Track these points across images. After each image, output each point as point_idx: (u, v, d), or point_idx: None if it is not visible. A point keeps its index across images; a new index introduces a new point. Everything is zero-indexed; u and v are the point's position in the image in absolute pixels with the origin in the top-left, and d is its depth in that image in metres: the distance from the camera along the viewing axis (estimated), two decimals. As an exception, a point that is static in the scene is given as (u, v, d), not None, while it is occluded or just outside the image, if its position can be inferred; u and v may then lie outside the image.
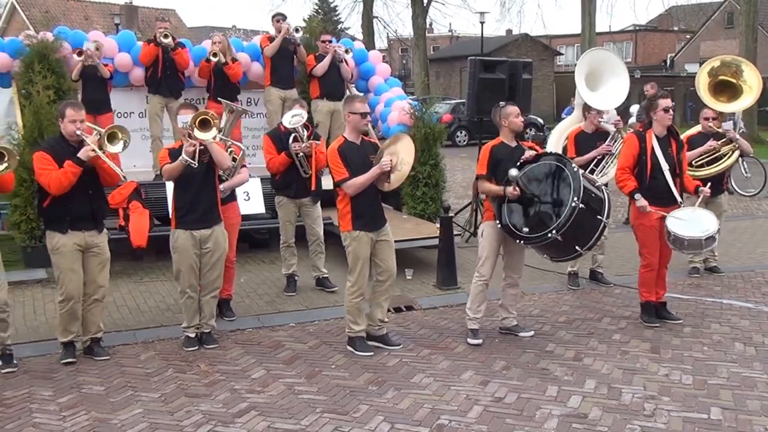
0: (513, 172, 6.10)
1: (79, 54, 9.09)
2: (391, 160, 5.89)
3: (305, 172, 7.49)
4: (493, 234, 6.37)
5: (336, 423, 4.88)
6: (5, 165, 5.45)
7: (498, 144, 6.38)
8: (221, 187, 6.57)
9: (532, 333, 6.59)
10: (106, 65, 9.35)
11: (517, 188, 6.12)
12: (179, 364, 5.95)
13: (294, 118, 7.38)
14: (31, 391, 5.43)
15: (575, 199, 5.95)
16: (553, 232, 5.98)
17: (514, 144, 6.41)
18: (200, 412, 5.07)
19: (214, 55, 9.52)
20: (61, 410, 5.10)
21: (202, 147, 5.94)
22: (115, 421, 4.93)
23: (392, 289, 6.37)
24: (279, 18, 10.14)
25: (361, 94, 10.18)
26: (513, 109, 6.37)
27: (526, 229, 6.14)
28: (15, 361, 5.88)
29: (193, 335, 6.33)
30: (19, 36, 9.57)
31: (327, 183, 8.14)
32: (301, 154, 7.40)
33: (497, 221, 6.27)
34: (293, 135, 7.39)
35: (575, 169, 6.16)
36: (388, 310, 6.62)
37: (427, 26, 38.36)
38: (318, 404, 5.18)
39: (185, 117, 6.02)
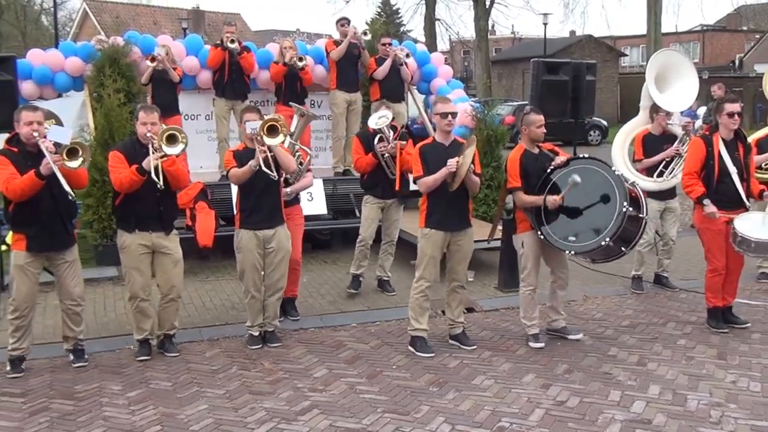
0: (576, 178, 6.02)
1: (152, 60, 9.30)
2: (457, 161, 5.92)
3: (392, 173, 7.53)
4: (533, 243, 6.34)
5: (397, 423, 4.91)
6: (81, 160, 5.62)
7: (523, 152, 6.34)
8: (287, 190, 6.70)
9: (580, 335, 6.53)
10: (175, 68, 9.57)
11: (560, 197, 6.04)
12: (243, 362, 6.07)
13: (380, 119, 7.44)
14: (101, 386, 5.60)
15: (624, 203, 5.87)
16: (606, 239, 5.91)
17: (536, 150, 6.36)
18: (264, 409, 5.16)
19: (300, 59, 9.61)
20: (129, 404, 5.26)
21: (272, 153, 6.05)
22: (181, 416, 5.05)
23: (462, 292, 6.40)
24: (344, 22, 10.23)
25: (432, 96, 10.18)
26: (536, 118, 6.30)
27: (572, 238, 6.08)
28: (86, 356, 6.08)
29: (256, 334, 6.45)
30: (91, 41, 9.89)
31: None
32: (387, 154, 7.45)
33: (539, 233, 6.22)
34: (378, 135, 7.44)
35: (617, 172, 6.10)
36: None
37: (490, 28, 38.21)
38: (379, 404, 5.22)
39: (254, 124, 6.13)
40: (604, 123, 30.47)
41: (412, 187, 7.76)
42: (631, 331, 6.75)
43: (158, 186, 5.77)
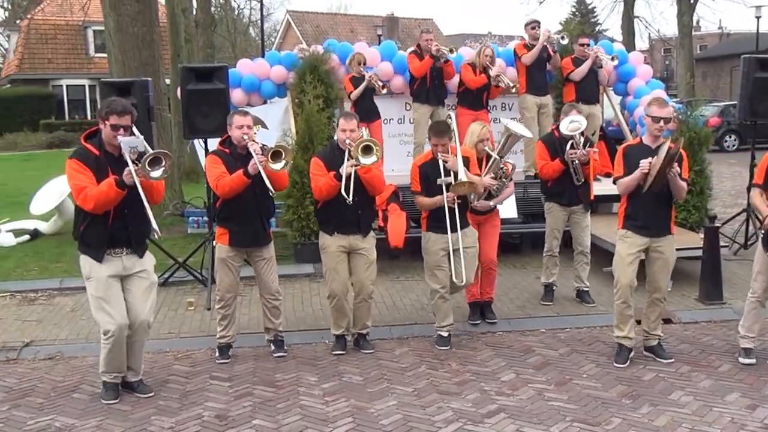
0: None
1: (383, 88, 9.68)
2: (649, 162, 5.68)
3: (578, 180, 7.35)
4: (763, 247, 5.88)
5: (586, 433, 4.78)
6: (283, 162, 5.96)
7: None
8: (491, 203, 6.81)
9: None
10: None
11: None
12: (431, 362, 6.15)
13: (572, 124, 7.16)
14: (298, 376, 5.90)
15: None
16: None
17: None
18: (451, 409, 5.20)
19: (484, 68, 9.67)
20: (324, 395, 5.50)
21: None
22: (372, 410, 5.22)
23: (660, 304, 6.09)
24: (534, 25, 10.07)
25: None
26: None
27: None
28: (285, 347, 6.43)
29: (445, 335, 6.51)
30: (293, 50, 10.44)
31: (597, 190, 7.98)
32: (577, 161, 7.28)
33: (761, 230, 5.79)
34: (570, 142, 7.20)
35: None
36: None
37: (694, 24, 36.09)
38: (568, 412, 5.10)
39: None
40: (827, 124, 27.75)
41: (596, 192, 7.53)
42: None
43: (348, 201, 5.94)
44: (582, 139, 7.19)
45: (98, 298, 5.29)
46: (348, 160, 6.00)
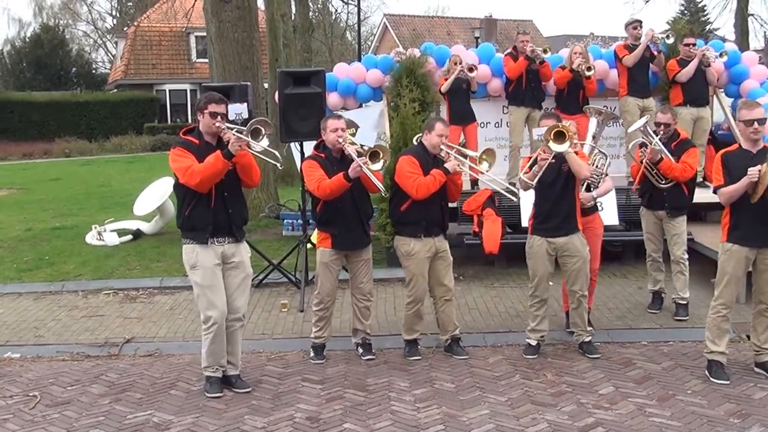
0: None
1: (470, 70, 9.55)
2: (759, 170, 5.35)
3: (659, 182, 7.04)
4: None
5: (691, 453, 4.54)
6: (382, 161, 5.96)
7: None
8: (593, 194, 6.56)
9: None
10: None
11: None
12: (526, 371, 6.00)
13: (637, 123, 7.10)
14: (389, 381, 5.85)
15: None
16: None
17: None
18: (545, 420, 5.05)
19: (589, 69, 9.39)
20: (415, 401, 5.43)
21: (553, 160, 5.95)
22: (463, 419, 5.11)
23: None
24: (636, 24, 9.74)
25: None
26: None
27: None
28: (373, 350, 6.40)
29: (534, 343, 6.35)
30: (390, 53, 10.43)
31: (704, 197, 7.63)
32: (647, 161, 6.95)
33: None
34: (641, 141, 7.06)
35: None
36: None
37: (812, 22, 34.21)
38: (670, 429, 4.87)
39: (540, 129, 6.05)
40: None
41: (702, 198, 7.17)
42: None
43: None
44: (656, 138, 6.91)
45: (203, 287, 5.46)
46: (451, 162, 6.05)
